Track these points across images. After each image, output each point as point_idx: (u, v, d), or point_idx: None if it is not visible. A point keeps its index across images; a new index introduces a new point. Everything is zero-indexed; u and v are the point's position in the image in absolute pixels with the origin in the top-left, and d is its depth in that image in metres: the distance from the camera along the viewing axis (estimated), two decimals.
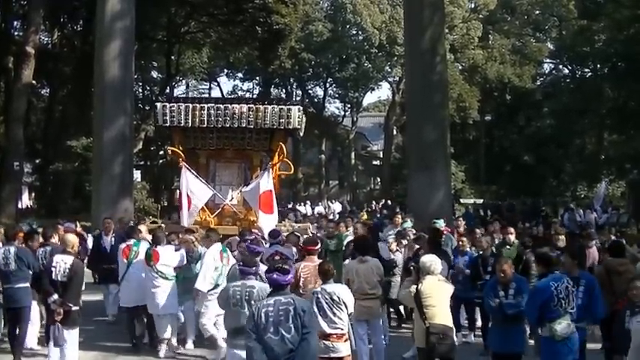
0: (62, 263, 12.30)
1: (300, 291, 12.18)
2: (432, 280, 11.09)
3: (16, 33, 45.82)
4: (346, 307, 10.89)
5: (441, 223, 20.17)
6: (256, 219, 18.48)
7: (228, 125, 18.76)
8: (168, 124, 19.09)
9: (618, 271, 13.14)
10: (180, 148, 19.89)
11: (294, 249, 15.53)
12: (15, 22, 46.55)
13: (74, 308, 12.29)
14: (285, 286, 8.71)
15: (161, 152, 55.02)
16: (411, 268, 12.37)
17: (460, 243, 17.13)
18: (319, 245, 13.60)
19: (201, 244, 15.48)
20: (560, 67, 66.49)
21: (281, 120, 18.63)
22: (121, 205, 27.22)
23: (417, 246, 15.52)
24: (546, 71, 70.24)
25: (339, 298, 10.82)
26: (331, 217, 35.70)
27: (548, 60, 67.32)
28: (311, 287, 11.99)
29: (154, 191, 47.98)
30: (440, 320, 10.88)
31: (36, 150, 49.18)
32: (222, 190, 19.91)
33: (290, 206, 51.95)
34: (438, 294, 11.02)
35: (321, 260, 12.85)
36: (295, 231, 18.63)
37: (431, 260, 11.28)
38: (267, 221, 18.07)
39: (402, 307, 17.59)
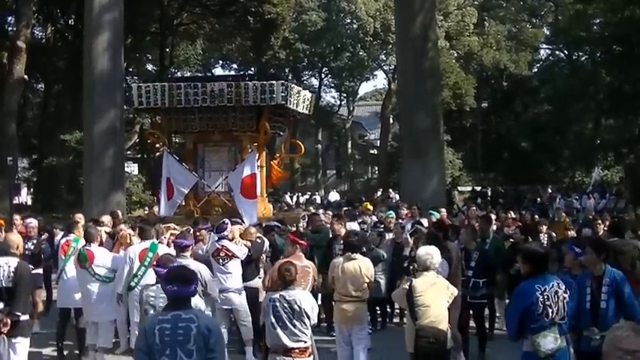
0: (5, 266, 10.73)
1: None
2: (429, 276, 9.95)
3: (9, 28, 45.59)
4: (308, 317, 9.43)
5: (436, 215, 18.88)
6: (235, 203, 17.82)
7: (207, 104, 18.19)
8: (144, 106, 18.74)
9: (622, 250, 12.56)
10: (161, 131, 19.67)
11: (245, 247, 13.82)
12: (9, 18, 46.39)
13: (23, 317, 10.68)
14: (187, 299, 7.07)
15: (157, 145, 54.80)
16: (411, 268, 11.39)
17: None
18: (304, 241, 12.75)
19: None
20: (557, 52, 66.36)
21: (263, 96, 17.94)
22: (113, 198, 27.04)
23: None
24: (542, 57, 70.17)
25: (300, 307, 9.31)
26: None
27: (544, 45, 67.25)
28: None
29: (151, 184, 47.82)
30: (432, 323, 9.73)
31: (32, 145, 49.17)
32: (212, 176, 19.22)
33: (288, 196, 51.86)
34: (432, 293, 9.84)
35: (303, 259, 11.99)
36: (282, 221, 17.45)
37: (428, 253, 10.08)
38: (248, 207, 17.39)
39: None
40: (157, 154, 53.87)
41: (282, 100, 18.06)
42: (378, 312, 16.38)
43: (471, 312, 13.42)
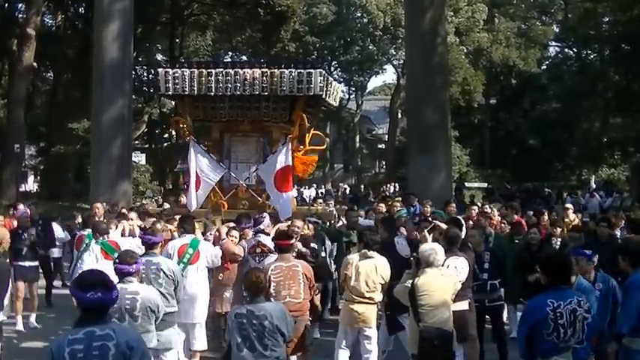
0: None
1: (272, 300, 9.80)
2: (432, 274, 9.38)
3: (20, 15, 45.69)
4: (282, 334, 8.24)
5: (442, 215, 17.09)
6: (270, 198, 16.55)
7: (239, 93, 16.88)
8: (171, 93, 17.44)
9: None
10: (188, 119, 18.26)
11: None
12: (19, 5, 46.55)
13: None
14: (106, 310, 5.88)
15: (165, 135, 55.07)
16: (411, 259, 10.26)
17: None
18: (293, 240, 11.35)
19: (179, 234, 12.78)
20: (566, 50, 66.29)
21: (300, 86, 16.57)
22: (120, 187, 27.14)
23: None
24: (551, 54, 70.10)
25: (271, 323, 8.10)
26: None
27: (553, 43, 67.16)
28: (284, 294, 10.09)
29: (158, 174, 47.92)
30: (437, 323, 9.22)
31: (40, 133, 49.30)
32: (239, 168, 17.96)
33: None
34: (437, 291, 9.31)
35: (307, 261, 11.18)
36: (315, 216, 16.39)
37: (431, 249, 9.55)
38: (282, 200, 16.15)
39: None
40: (165, 144, 54.30)
41: (320, 91, 16.89)
42: None
43: (488, 317, 12.40)
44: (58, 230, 18.33)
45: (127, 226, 14.53)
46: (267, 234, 12.83)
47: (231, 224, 13.75)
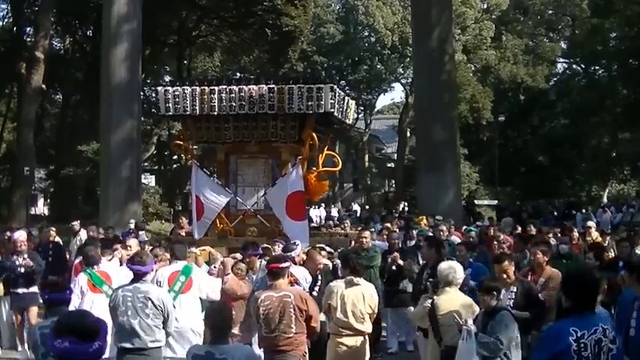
0: None
1: (263, 333, 9.24)
2: (452, 292, 9.22)
3: (28, 39, 45.84)
4: None
5: (475, 231, 17.63)
6: (281, 226, 15.66)
7: (245, 112, 15.98)
8: (172, 113, 16.48)
9: None
10: (191, 141, 17.67)
11: (310, 275, 11.64)
12: (28, 29, 46.74)
13: None
14: None
15: (175, 157, 55.05)
16: (428, 283, 10.15)
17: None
18: (287, 263, 9.88)
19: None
20: (573, 66, 66.15)
21: (309, 103, 15.71)
22: (130, 208, 27.17)
23: None
24: (559, 71, 69.92)
25: None
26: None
27: (561, 59, 67.01)
28: (273, 328, 9.06)
29: (168, 195, 47.89)
30: (458, 342, 8.62)
31: (49, 155, 49.34)
32: (246, 192, 17.13)
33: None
34: (458, 310, 8.99)
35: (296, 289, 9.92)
36: (330, 244, 15.04)
37: (450, 267, 9.35)
38: (297, 229, 15.17)
39: None
40: (175, 166, 54.29)
41: (331, 108, 15.96)
42: None
43: None
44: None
45: (124, 255, 13.42)
46: (296, 263, 11.80)
47: (238, 255, 12.84)
